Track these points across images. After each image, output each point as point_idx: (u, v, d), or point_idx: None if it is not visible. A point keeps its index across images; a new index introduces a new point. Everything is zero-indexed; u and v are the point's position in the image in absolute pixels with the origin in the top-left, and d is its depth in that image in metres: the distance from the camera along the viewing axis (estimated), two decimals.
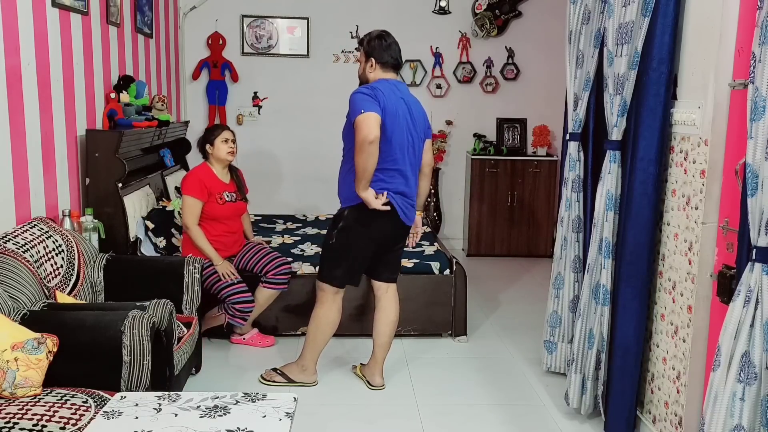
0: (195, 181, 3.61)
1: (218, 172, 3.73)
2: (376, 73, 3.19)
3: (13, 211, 2.87)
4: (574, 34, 3.17)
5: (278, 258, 3.75)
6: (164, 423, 1.89)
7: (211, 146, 3.69)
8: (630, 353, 2.75)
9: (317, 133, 5.90)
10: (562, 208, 3.32)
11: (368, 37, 3.18)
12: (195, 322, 3.13)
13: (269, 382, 3.33)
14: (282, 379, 3.32)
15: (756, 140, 1.78)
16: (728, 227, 2.28)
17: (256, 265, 3.73)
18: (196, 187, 3.59)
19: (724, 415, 1.85)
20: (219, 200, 3.66)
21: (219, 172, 3.73)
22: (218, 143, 3.68)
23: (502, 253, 6.04)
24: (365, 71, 3.23)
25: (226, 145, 3.69)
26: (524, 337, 4.02)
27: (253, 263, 3.74)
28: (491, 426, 3.00)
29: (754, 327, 1.81)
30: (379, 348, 3.32)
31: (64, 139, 3.38)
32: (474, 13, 6.02)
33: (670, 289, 2.65)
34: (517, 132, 6.11)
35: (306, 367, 3.31)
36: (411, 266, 3.97)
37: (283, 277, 3.72)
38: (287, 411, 1.97)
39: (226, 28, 5.86)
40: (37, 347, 2.17)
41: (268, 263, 3.71)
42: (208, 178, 3.66)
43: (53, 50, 3.24)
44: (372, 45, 3.15)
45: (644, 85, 2.62)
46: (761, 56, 1.76)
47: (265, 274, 3.70)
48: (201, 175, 3.65)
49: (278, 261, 3.73)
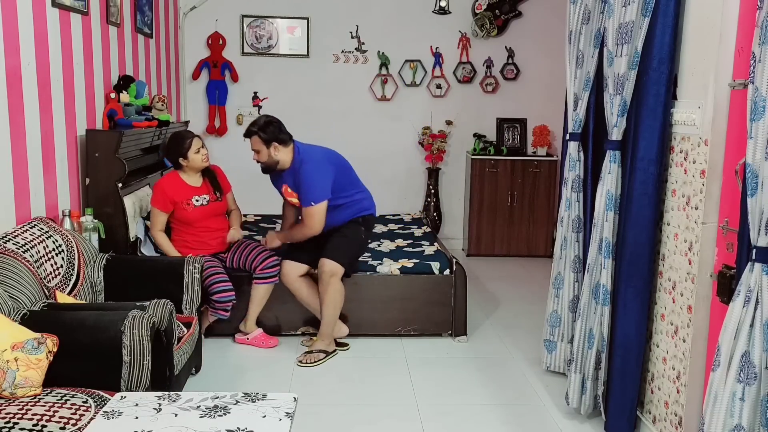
0: (159, 192, 3.65)
1: (188, 178, 3.73)
2: (280, 153, 3.59)
3: (13, 211, 2.87)
4: (574, 34, 3.17)
5: (264, 252, 3.77)
6: (164, 423, 1.89)
7: (185, 159, 3.67)
8: (631, 353, 2.75)
9: (317, 133, 5.86)
10: (562, 208, 3.32)
11: (258, 127, 3.56)
12: (195, 322, 3.13)
13: (314, 363, 3.57)
14: (323, 355, 3.64)
15: (756, 140, 1.78)
16: (728, 227, 2.28)
17: (245, 262, 3.76)
18: (159, 199, 3.64)
19: (724, 415, 1.85)
20: (186, 206, 3.66)
21: (189, 178, 3.73)
22: (191, 155, 3.67)
23: (502, 253, 6.04)
24: (270, 156, 3.59)
25: (200, 154, 3.69)
26: (524, 337, 4.02)
27: (242, 261, 3.77)
28: (491, 426, 3.00)
29: (754, 327, 1.81)
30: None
31: (64, 139, 3.38)
32: (474, 13, 6.02)
33: (670, 289, 2.65)
34: (517, 132, 6.11)
35: (331, 335, 3.71)
36: (411, 266, 3.97)
37: (272, 270, 3.73)
38: (287, 411, 1.97)
39: (226, 28, 5.86)
40: (37, 347, 2.17)
41: (255, 258, 3.74)
42: (174, 188, 3.66)
43: (53, 50, 3.24)
44: (268, 132, 3.55)
45: (644, 85, 2.62)
46: (761, 56, 1.76)
47: (254, 270, 3.73)
48: (165, 186, 3.65)
49: (264, 255, 3.75)
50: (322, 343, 3.68)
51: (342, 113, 6.07)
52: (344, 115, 6.06)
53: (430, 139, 6.04)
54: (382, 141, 6.08)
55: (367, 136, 6.07)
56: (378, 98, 6.11)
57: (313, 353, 3.63)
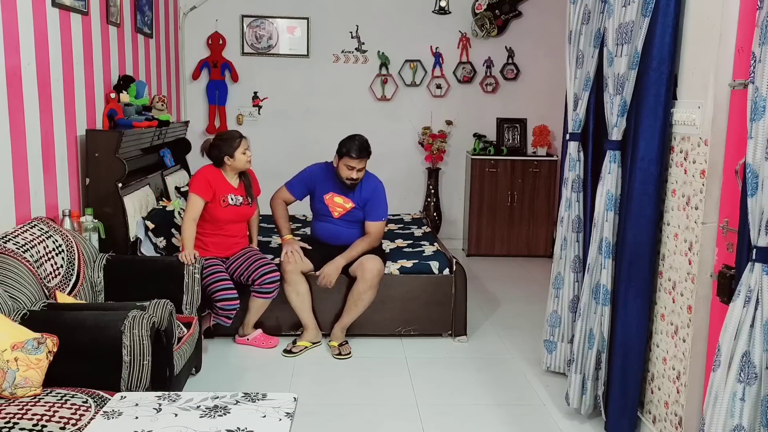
0: (201, 179, 3.62)
1: (228, 176, 3.72)
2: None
3: (13, 211, 2.87)
4: (574, 34, 3.17)
5: (265, 266, 3.70)
6: (164, 423, 1.89)
7: (231, 158, 3.65)
8: (631, 353, 2.75)
9: (317, 133, 5.91)
10: (562, 208, 3.32)
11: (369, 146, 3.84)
12: (195, 322, 3.13)
13: (346, 355, 3.70)
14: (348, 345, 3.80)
15: (756, 140, 1.78)
16: (728, 227, 2.28)
17: (243, 273, 3.69)
18: (202, 185, 3.59)
19: (725, 415, 1.85)
20: (222, 203, 3.65)
21: (229, 176, 3.72)
22: (238, 155, 3.65)
23: (502, 253, 6.04)
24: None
25: (246, 155, 3.68)
26: (524, 337, 4.02)
27: (240, 272, 3.70)
28: (491, 426, 3.00)
29: (754, 327, 1.81)
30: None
31: (64, 139, 3.38)
32: (474, 13, 6.02)
33: (670, 289, 2.65)
34: (517, 132, 6.11)
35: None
36: (411, 266, 3.97)
37: (269, 285, 3.68)
38: (287, 411, 1.97)
39: (226, 28, 5.86)
40: (37, 347, 2.17)
41: (255, 271, 3.67)
42: (216, 180, 3.66)
43: (53, 50, 3.24)
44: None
45: (644, 85, 2.62)
46: (761, 56, 1.76)
47: (253, 283, 3.69)
48: (208, 175, 3.65)
49: (264, 269, 3.68)
50: (342, 335, 3.83)
51: (342, 113, 6.07)
52: (344, 115, 6.06)
53: (430, 139, 6.04)
54: (382, 141, 6.05)
55: (367, 136, 5.97)
56: (378, 98, 6.11)
57: (344, 345, 3.78)
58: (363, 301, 3.77)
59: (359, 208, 3.85)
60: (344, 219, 3.87)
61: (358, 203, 3.85)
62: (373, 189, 3.87)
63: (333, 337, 3.82)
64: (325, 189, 3.86)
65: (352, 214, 3.86)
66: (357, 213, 3.86)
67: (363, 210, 3.86)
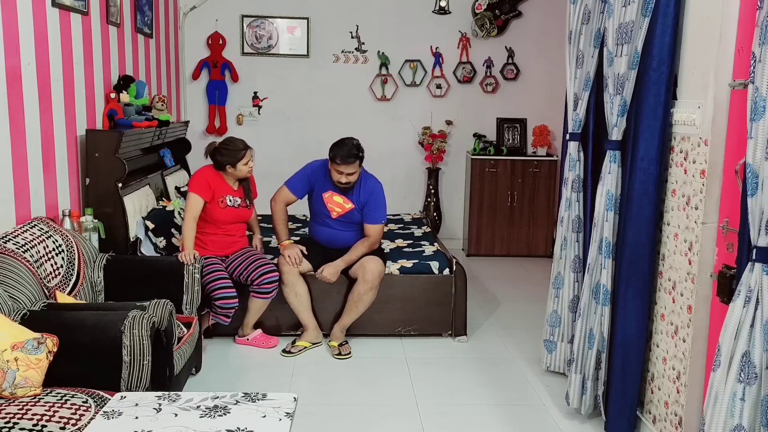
0: (200, 179, 3.65)
1: (227, 179, 3.74)
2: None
3: (13, 211, 2.87)
4: (574, 34, 3.17)
5: (264, 266, 3.70)
6: (164, 423, 1.89)
7: (232, 167, 3.68)
8: (631, 353, 2.75)
9: (317, 133, 5.90)
10: (562, 208, 3.32)
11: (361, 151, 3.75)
12: (195, 322, 3.13)
13: (346, 355, 3.70)
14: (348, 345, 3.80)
15: (756, 140, 1.78)
16: (728, 227, 2.28)
17: (243, 273, 3.69)
18: (201, 185, 3.62)
19: (725, 415, 1.85)
20: (220, 203, 3.66)
21: (228, 179, 3.75)
22: (240, 166, 3.68)
23: (502, 253, 6.04)
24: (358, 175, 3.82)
25: (247, 167, 3.71)
26: (524, 337, 4.02)
27: (239, 272, 3.70)
28: (491, 426, 3.00)
29: (754, 327, 1.81)
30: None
31: (64, 139, 3.38)
32: (474, 13, 6.02)
33: (670, 289, 2.65)
34: (517, 132, 6.11)
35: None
36: (411, 266, 3.97)
37: (268, 286, 3.68)
38: (287, 411, 1.97)
39: (226, 28, 5.86)
40: (37, 347, 2.17)
41: (254, 271, 3.68)
42: (215, 180, 3.68)
43: (53, 50, 3.24)
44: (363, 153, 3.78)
45: (644, 85, 2.62)
46: (761, 56, 1.76)
47: (251, 284, 3.69)
48: (208, 175, 3.67)
49: (263, 269, 3.68)
50: (342, 335, 3.83)
51: (342, 113, 6.07)
52: (344, 115, 6.06)
53: (430, 139, 6.04)
54: (382, 141, 6.08)
55: (367, 136, 5.98)
56: (378, 98, 6.11)
57: (344, 345, 3.78)
58: (363, 302, 3.76)
59: (358, 210, 3.85)
60: (342, 221, 3.86)
61: (357, 205, 3.85)
62: (372, 191, 3.86)
63: (333, 337, 3.82)
64: (325, 187, 3.86)
65: (350, 215, 3.85)
66: (355, 215, 3.85)
67: (362, 212, 3.85)
